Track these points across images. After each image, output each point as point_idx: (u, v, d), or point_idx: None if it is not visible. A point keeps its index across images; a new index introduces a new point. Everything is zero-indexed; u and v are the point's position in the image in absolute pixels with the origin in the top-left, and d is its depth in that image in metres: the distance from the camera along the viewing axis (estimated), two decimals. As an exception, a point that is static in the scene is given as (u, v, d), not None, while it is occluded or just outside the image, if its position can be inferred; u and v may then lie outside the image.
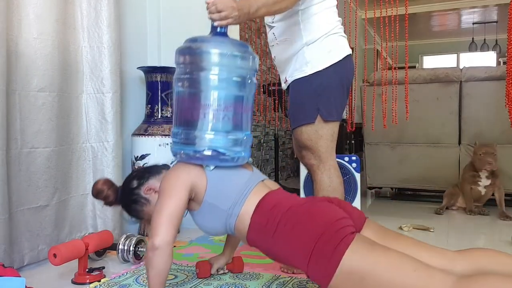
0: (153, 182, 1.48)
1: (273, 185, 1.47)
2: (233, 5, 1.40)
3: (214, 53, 1.39)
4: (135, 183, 1.49)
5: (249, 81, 1.47)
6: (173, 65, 2.50)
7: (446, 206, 3.26)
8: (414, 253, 1.20)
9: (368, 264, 1.15)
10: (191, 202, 1.40)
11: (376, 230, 1.32)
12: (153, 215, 1.34)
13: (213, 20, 1.42)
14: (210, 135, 1.40)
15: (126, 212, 1.53)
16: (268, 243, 1.31)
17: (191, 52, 1.43)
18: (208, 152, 1.39)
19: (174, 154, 1.47)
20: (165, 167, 1.56)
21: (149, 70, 2.54)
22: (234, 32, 2.64)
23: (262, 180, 1.45)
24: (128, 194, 1.50)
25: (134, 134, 2.49)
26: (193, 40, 1.44)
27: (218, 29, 1.43)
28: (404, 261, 1.15)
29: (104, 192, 1.51)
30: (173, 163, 1.50)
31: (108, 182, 1.54)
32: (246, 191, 1.37)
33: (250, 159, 1.53)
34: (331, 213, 1.27)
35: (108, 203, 1.54)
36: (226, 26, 1.44)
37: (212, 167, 1.41)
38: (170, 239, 1.31)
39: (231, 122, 1.42)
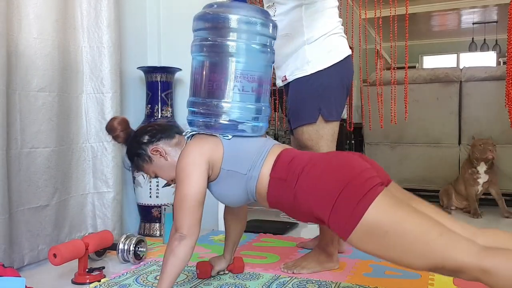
0: (162, 145, 1.46)
1: (287, 146, 1.46)
2: None
3: (233, 19, 1.34)
4: (145, 138, 1.47)
5: (269, 49, 1.43)
6: (173, 65, 2.56)
7: (445, 206, 3.26)
8: (438, 220, 1.15)
9: (394, 219, 1.10)
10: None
11: (402, 192, 1.27)
12: (176, 205, 1.33)
13: None
14: (228, 104, 1.37)
15: (128, 159, 1.53)
16: (289, 197, 1.27)
17: (209, 18, 1.38)
18: (226, 122, 1.38)
19: (191, 124, 1.45)
20: (179, 131, 1.54)
21: (149, 70, 2.54)
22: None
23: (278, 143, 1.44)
24: (136, 146, 1.48)
25: (134, 134, 2.48)
26: (211, 5, 1.40)
27: None
28: (431, 224, 1.11)
29: (117, 131, 1.50)
30: (186, 134, 1.48)
31: (123, 123, 1.52)
32: (264, 153, 1.35)
33: None
34: (357, 163, 1.23)
35: (116, 141, 1.53)
36: None
37: (230, 136, 1.39)
38: (197, 228, 1.32)
39: (249, 91, 1.39)
